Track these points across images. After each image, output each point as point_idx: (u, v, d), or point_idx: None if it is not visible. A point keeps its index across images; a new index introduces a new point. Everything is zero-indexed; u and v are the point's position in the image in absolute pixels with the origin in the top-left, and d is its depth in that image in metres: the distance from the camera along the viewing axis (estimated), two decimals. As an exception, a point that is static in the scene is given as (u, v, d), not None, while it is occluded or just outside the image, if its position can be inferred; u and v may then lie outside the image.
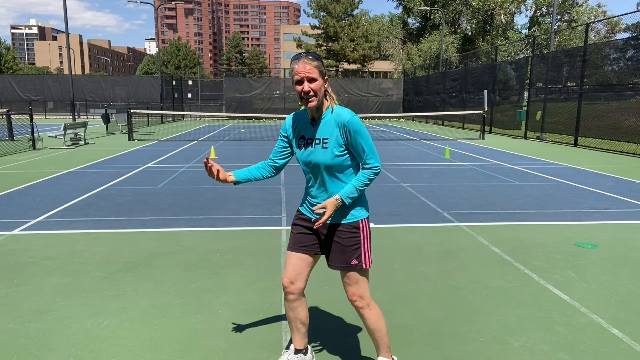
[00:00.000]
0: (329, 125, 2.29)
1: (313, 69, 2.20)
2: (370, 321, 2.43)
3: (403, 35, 51.71)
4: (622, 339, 2.99)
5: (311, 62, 2.20)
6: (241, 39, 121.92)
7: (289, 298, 2.45)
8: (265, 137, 18.95)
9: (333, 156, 2.28)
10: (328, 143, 2.28)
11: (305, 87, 2.20)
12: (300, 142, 2.39)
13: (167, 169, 10.12)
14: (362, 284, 2.39)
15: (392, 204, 6.82)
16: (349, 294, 2.42)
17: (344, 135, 2.26)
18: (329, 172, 2.32)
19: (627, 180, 8.95)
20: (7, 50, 66.73)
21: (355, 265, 2.36)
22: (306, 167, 2.39)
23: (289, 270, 2.44)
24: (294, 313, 2.48)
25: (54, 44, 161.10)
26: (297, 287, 2.44)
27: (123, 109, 23.54)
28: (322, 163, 2.30)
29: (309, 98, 2.22)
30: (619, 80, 14.24)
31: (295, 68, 2.22)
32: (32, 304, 3.45)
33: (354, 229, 2.36)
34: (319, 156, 2.30)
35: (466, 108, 23.80)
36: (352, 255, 2.35)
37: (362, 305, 2.41)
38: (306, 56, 2.22)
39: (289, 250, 2.49)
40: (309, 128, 2.36)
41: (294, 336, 2.56)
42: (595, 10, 45.98)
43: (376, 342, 2.49)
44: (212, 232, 5.33)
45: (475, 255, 4.60)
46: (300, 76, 2.20)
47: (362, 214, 2.38)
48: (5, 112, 15.60)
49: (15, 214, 6.12)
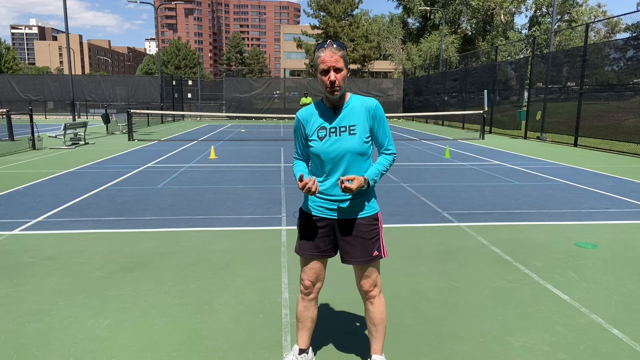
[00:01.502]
0: (355, 112, 2.28)
1: (340, 59, 2.16)
2: (379, 309, 2.47)
3: (403, 35, 51.71)
4: (622, 339, 2.99)
5: (338, 52, 2.16)
6: (241, 39, 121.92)
7: (310, 297, 2.49)
8: (265, 137, 18.95)
9: (362, 142, 2.27)
10: (356, 129, 2.26)
11: (332, 77, 2.16)
12: (320, 132, 2.30)
13: (167, 169, 10.12)
14: (377, 274, 2.46)
15: (392, 204, 6.82)
16: (366, 285, 2.44)
17: (370, 120, 2.28)
18: (352, 160, 2.28)
19: (627, 180, 8.95)
20: (7, 50, 66.71)
21: (376, 256, 2.40)
22: (328, 158, 2.29)
23: (309, 273, 2.46)
24: (307, 312, 2.51)
25: (54, 44, 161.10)
26: (317, 287, 2.50)
27: (123, 109, 23.53)
28: (350, 150, 2.26)
29: (334, 88, 2.18)
30: (619, 80, 14.24)
31: (322, 57, 2.16)
32: (32, 304, 3.45)
33: (374, 221, 2.39)
34: (346, 143, 2.26)
35: (466, 108, 23.80)
36: (373, 247, 2.38)
37: (376, 294, 2.47)
38: (332, 44, 2.17)
39: (303, 257, 2.45)
40: (330, 117, 2.30)
41: (301, 335, 2.56)
42: (595, 10, 45.99)
43: (377, 335, 2.50)
44: (212, 232, 5.33)
45: (475, 255, 4.60)
46: (327, 65, 2.15)
47: (376, 206, 2.43)
48: (5, 112, 15.60)
49: (15, 214, 6.12)
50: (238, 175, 9.37)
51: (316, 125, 2.33)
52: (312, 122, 2.34)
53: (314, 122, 2.34)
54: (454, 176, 9.29)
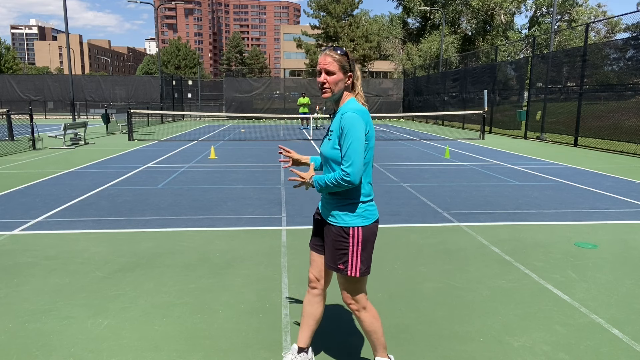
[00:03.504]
0: (336, 118, 2.34)
1: (332, 62, 2.24)
2: (366, 323, 2.42)
3: (403, 35, 51.71)
4: (622, 339, 2.99)
5: (332, 55, 2.25)
6: (241, 39, 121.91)
7: (314, 292, 2.51)
8: (265, 137, 18.95)
9: (332, 147, 2.27)
10: (332, 135, 2.32)
11: (320, 78, 2.27)
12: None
13: (167, 169, 10.12)
14: (352, 288, 2.37)
15: (392, 204, 6.82)
16: (342, 296, 2.43)
17: (338, 129, 2.23)
18: (331, 165, 2.31)
19: (627, 180, 8.95)
20: (7, 50, 66.72)
21: (342, 269, 2.33)
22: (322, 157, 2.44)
23: (313, 267, 2.53)
24: (312, 308, 2.52)
25: (54, 44, 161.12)
26: (322, 283, 2.51)
27: (123, 109, 23.53)
28: (323, 153, 2.35)
29: (324, 90, 2.28)
30: (619, 80, 14.24)
31: (319, 58, 2.29)
32: (32, 304, 3.45)
33: (344, 233, 2.30)
34: (324, 146, 2.35)
35: (466, 108, 23.79)
36: (340, 258, 2.32)
37: (356, 308, 2.40)
38: (330, 49, 2.28)
39: (310, 248, 2.58)
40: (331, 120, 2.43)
41: (302, 332, 2.55)
42: (595, 10, 46.00)
43: (372, 343, 2.50)
44: (212, 232, 5.33)
45: (475, 255, 4.60)
46: (319, 67, 2.27)
47: (355, 222, 2.28)
48: (5, 112, 15.60)
49: (15, 214, 6.12)
50: (238, 175, 9.37)
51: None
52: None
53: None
54: (454, 176, 9.29)
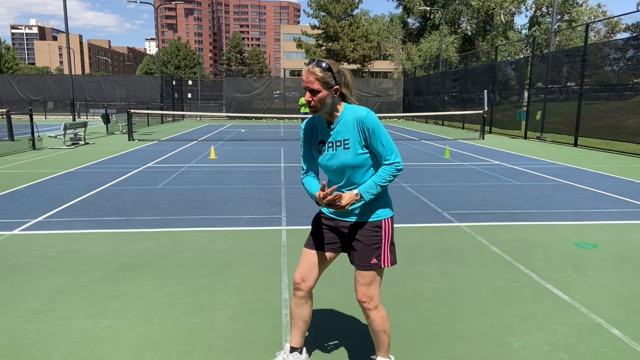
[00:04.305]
0: (347, 125, 2.28)
1: (315, 81, 2.18)
2: (376, 323, 2.42)
3: (403, 35, 51.70)
4: (622, 339, 2.99)
5: (315, 74, 2.18)
6: (241, 39, 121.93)
7: (298, 294, 2.47)
8: (265, 137, 18.95)
9: (356, 155, 2.27)
10: (349, 143, 2.28)
11: (306, 97, 2.23)
12: (320, 147, 2.38)
13: (167, 169, 10.12)
14: (374, 286, 2.39)
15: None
16: (359, 294, 2.40)
17: (361, 132, 2.25)
18: (353, 172, 2.31)
19: (627, 180, 8.95)
20: (7, 50, 66.73)
21: (375, 264, 2.35)
22: (329, 171, 2.38)
23: (302, 266, 2.47)
24: (299, 310, 2.50)
25: (54, 44, 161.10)
26: (308, 285, 2.46)
27: (123, 109, 23.52)
28: (346, 163, 2.29)
29: (311, 107, 2.24)
30: (619, 80, 14.24)
31: (303, 74, 2.24)
32: (32, 304, 3.45)
33: (377, 227, 2.35)
34: (342, 157, 2.29)
35: (466, 108, 23.79)
36: (373, 254, 2.35)
37: (370, 307, 2.40)
38: (313, 64, 2.20)
39: (305, 247, 2.50)
40: (326, 132, 2.35)
41: (293, 333, 2.56)
42: (595, 10, 46.00)
43: (378, 343, 2.50)
44: (212, 232, 5.33)
45: (475, 255, 4.60)
46: (303, 85, 2.23)
47: (386, 213, 2.38)
48: (5, 112, 15.59)
49: (15, 214, 6.12)
50: (238, 175, 9.37)
51: (316, 138, 2.42)
52: (314, 134, 2.43)
53: (315, 135, 2.42)
54: (454, 176, 9.29)
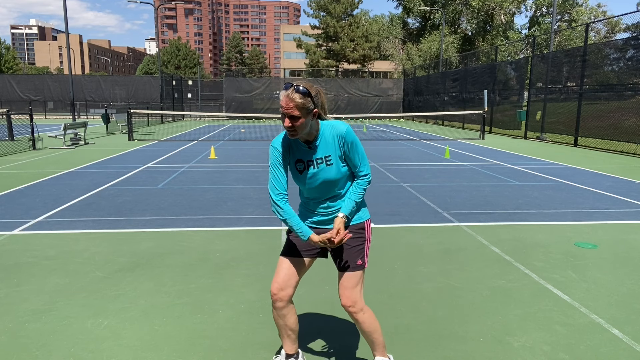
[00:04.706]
0: (327, 142, 2.29)
1: (294, 108, 2.12)
2: (365, 324, 2.42)
3: (403, 35, 51.71)
4: (622, 339, 2.99)
5: (294, 100, 2.11)
6: (241, 39, 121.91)
7: (277, 305, 2.41)
8: (265, 137, 18.95)
9: (339, 170, 2.32)
10: (332, 159, 2.30)
11: (286, 123, 2.17)
12: (298, 165, 2.34)
13: (167, 169, 10.12)
14: (358, 288, 2.40)
15: (392, 204, 6.82)
16: (343, 299, 2.39)
17: (342, 146, 2.29)
18: (334, 185, 2.35)
19: (627, 180, 8.95)
20: (7, 50, 66.73)
21: (360, 265, 2.40)
22: (309, 188, 2.37)
23: (280, 276, 2.41)
24: (282, 320, 2.45)
25: (54, 44, 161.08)
26: (286, 293, 2.40)
27: (123, 109, 23.53)
28: (329, 179, 2.32)
29: (291, 132, 2.20)
30: (619, 80, 14.24)
31: (280, 99, 2.16)
32: (32, 304, 3.45)
33: (361, 229, 2.42)
34: (327, 174, 2.31)
35: (466, 108, 23.80)
36: (358, 255, 2.39)
37: (357, 310, 2.39)
38: (292, 90, 2.13)
39: (282, 256, 2.46)
40: (305, 152, 2.32)
41: (284, 341, 2.54)
42: (595, 10, 46.00)
43: (372, 343, 2.50)
44: (212, 232, 5.33)
45: (475, 255, 4.60)
46: (282, 110, 2.16)
47: (366, 215, 2.46)
48: (5, 112, 15.60)
49: (15, 214, 6.12)
50: (238, 175, 9.37)
51: (293, 158, 2.36)
52: (291, 153, 2.36)
53: (291, 154, 2.36)
54: (454, 176, 9.29)
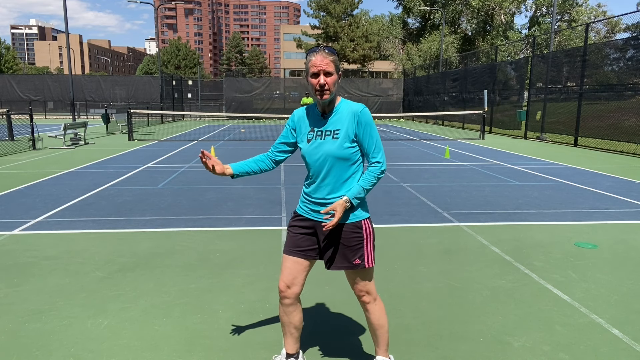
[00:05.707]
0: (341, 117, 2.32)
1: (330, 63, 2.22)
2: (375, 316, 2.46)
3: (403, 35, 51.71)
4: (622, 339, 2.99)
5: (328, 56, 2.23)
6: (241, 39, 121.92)
7: (285, 302, 2.44)
8: (265, 137, 18.95)
9: (342, 147, 2.29)
10: (339, 134, 2.30)
11: (321, 80, 2.22)
12: (310, 134, 2.38)
13: (167, 169, 10.12)
14: (367, 281, 2.43)
15: (392, 204, 6.82)
16: (356, 290, 2.45)
17: (355, 125, 2.29)
18: (335, 165, 2.31)
19: (627, 180, 8.95)
20: (7, 50, 66.75)
21: (358, 264, 2.38)
22: (312, 161, 2.36)
23: (285, 273, 2.43)
24: (288, 317, 2.47)
25: (54, 44, 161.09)
26: (294, 291, 2.42)
27: (123, 109, 23.52)
28: (330, 154, 2.30)
29: (324, 91, 2.24)
30: (619, 80, 14.24)
31: (313, 60, 2.23)
32: (32, 304, 3.45)
33: (357, 228, 2.37)
34: (328, 147, 2.30)
35: (466, 108, 23.79)
36: (355, 254, 2.37)
37: (368, 300, 2.45)
38: (324, 50, 2.25)
39: (285, 254, 2.47)
40: (319, 121, 2.37)
41: (287, 340, 2.55)
42: (595, 10, 46.00)
43: (377, 339, 2.51)
44: (212, 232, 5.33)
45: (475, 255, 4.60)
46: (317, 69, 2.21)
47: (364, 214, 2.40)
48: (5, 112, 15.60)
49: (15, 214, 6.12)
50: (238, 175, 9.36)
51: (306, 127, 2.41)
52: (304, 122, 2.43)
53: (305, 124, 2.42)
54: (454, 176, 9.29)
